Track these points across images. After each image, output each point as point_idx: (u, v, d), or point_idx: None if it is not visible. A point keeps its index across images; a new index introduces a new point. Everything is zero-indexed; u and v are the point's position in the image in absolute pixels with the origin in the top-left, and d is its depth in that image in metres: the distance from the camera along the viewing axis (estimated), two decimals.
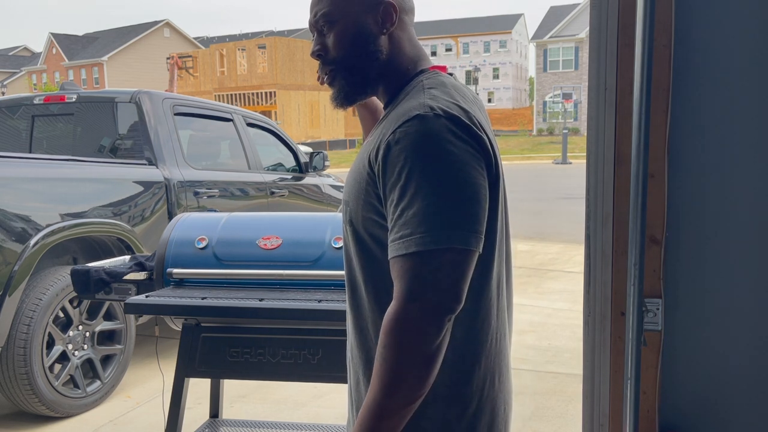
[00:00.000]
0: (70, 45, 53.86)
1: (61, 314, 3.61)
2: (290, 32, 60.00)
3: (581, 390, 1.78)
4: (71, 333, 3.65)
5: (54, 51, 53.86)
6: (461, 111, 1.08)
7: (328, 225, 2.46)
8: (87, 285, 2.52)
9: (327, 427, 2.78)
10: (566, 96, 34.13)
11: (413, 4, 1.27)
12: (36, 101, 4.74)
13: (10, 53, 63.47)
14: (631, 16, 1.55)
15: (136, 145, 4.36)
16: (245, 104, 31.62)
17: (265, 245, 2.43)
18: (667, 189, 1.59)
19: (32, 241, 3.38)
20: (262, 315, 2.15)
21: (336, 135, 35.03)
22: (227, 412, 3.54)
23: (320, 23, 1.22)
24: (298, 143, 7.34)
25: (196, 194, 4.48)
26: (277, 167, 5.73)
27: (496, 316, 1.16)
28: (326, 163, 6.11)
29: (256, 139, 5.47)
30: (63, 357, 3.61)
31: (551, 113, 42.18)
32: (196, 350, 2.34)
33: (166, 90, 21.29)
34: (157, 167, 4.28)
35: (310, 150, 7.24)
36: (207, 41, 58.98)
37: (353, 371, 1.22)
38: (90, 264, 2.61)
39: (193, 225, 2.56)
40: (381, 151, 1.08)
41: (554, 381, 4.01)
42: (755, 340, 1.59)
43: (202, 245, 2.46)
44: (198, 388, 3.51)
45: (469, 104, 1.13)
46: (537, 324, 5.20)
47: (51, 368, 3.52)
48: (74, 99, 4.58)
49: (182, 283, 2.43)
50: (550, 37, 43.69)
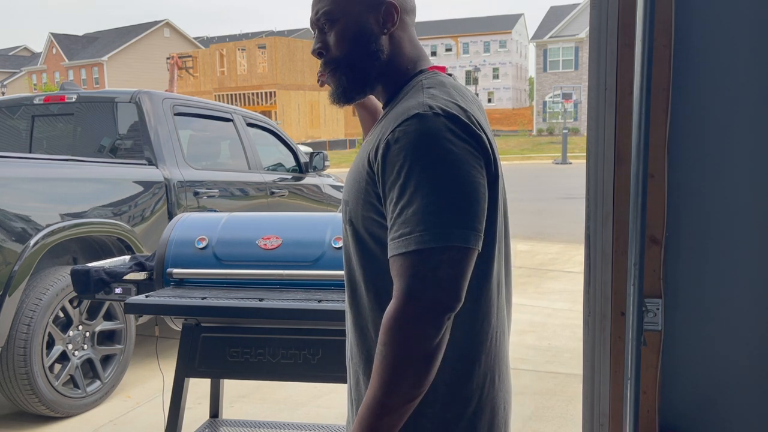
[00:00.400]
0: (70, 45, 53.87)
1: (61, 314, 3.61)
2: (290, 32, 59.98)
3: (581, 390, 1.78)
4: (71, 333, 3.65)
5: (54, 51, 53.86)
6: (460, 110, 1.09)
7: (328, 225, 2.46)
8: (87, 285, 2.52)
9: (327, 427, 2.78)
10: (566, 96, 34.13)
11: (414, 5, 1.27)
12: (36, 101, 4.74)
13: (10, 53, 63.48)
14: (631, 16, 1.55)
15: (136, 145, 4.36)
16: (245, 104, 31.61)
17: (265, 245, 2.43)
18: (667, 189, 1.59)
19: (32, 241, 3.38)
20: (262, 315, 2.15)
21: (336, 135, 35.03)
22: (227, 412, 3.54)
23: (321, 21, 1.22)
24: (298, 143, 7.35)
25: (196, 194, 4.48)
26: (277, 167, 5.73)
27: (496, 315, 1.16)
28: (326, 163, 6.11)
29: (256, 139, 5.47)
30: (63, 357, 3.61)
31: (551, 113, 42.17)
32: (196, 350, 2.34)
33: (166, 90, 21.30)
34: (157, 167, 4.28)
35: (310, 150, 7.24)
36: (207, 41, 58.99)
37: (353, 370, 1.22)
38: (90, 264, 2.61)
39: (193, 225, 2.56)
40: (380, 150, 1.08)
41: (554, 381, 4.01)
42: (755, 340, 1.59)
43: (202, 245, 2.46)
44: (198, 388, 3.51)
45: (468, 104, 1.13)
46: (537, 324, 5.20)
47: (51, 368, 3.53)
48: (74, 99, 4.58)
49: (182, 283, 2.43)
50: (550, 37, 43.69)
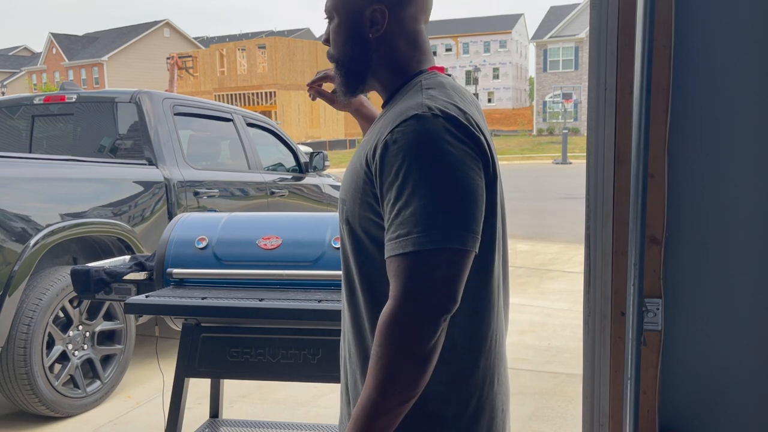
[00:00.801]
0: (70, 45, 53.87)
1: (61, 314, 3.61)
2: (290, 32, 60.00)
3: (581, 390, 1.78)
4: (71, 333, 3.65)
5: (54, 51, 53.87)
6: (459, 111, 1.08)
7: (328, 225, 2.46)
8: (87, 285, 2.52)
9: (327, 427, 2.78)
10: (566, 96, 34.17)
11: (422, 5, 1.22)
12: (36, 101, 4.74)
13: (10, 53, 63.48)
14: (631, 16, 1.55)
15: (136, 145, 4.36)
16: (245, 104, 31.61)
17: (265, 245, 2.43)
18: (667, 189, 1.59)
19: (32, 241, 3.38)
20: (262, 315, 2.15)
21: (336, 135, 35.02)
22: (227, 412, 3.53)
23: (326, 14, 1.27)
24: (298, 143, 7.34)
25: (196, 194, 4.48)
26: (277, 167, 5.73)
27: (495, 317, 1.16)
28: (326, 163, 6.11)
29: (256, 139, 5.47)
30: (63, 357, 3.61)
31: (551, 113, 42.17)
32: (196, 350, 2.34)
33: (166, 90, 21.31)
34: (157, 167, 4.28)
35: (310, 150, 7.24)
36: (207, 41, 58.99)
37: (350, 370, 1.22)
38: (90, 264, 2.61)
39: (193, 225, 2.56)
40: (378, 150, 1.08)
41: (554, 381, 4.00)
42: (755, 340, 1.59)
43: (202, 245, 2.46)
44: (198, 388, 3.51)
45: (467, 105, 1.13)
46: (537, 324, 5.20)
47: (51, 368, 3.53)
48: (74, 99, 4.58)
49: (182, 283, 2.43)
50: (550, 37, 43.69)
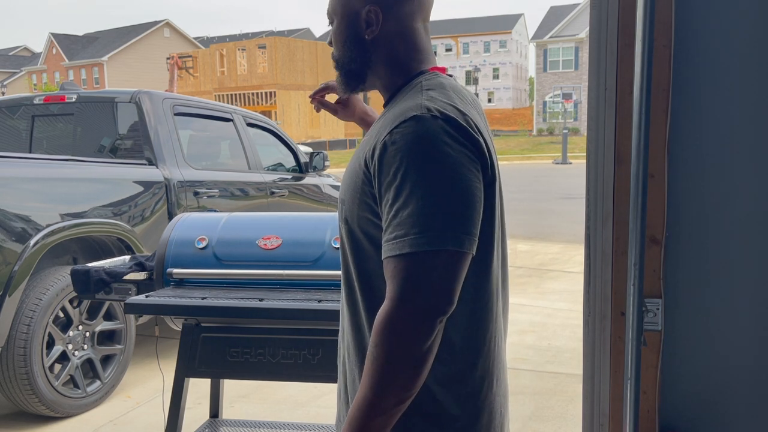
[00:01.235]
0: (70, 45, 53.87)
1: (61, 314, 3.61)
2: (290, 32, 60.00)
3: (581, 390, 1.78)
4: (71, 333, 3.65)
5: (54, 51, 53.86)
6: (458, 113, 1.08)
7: (328, 225, 2.46)
8: (87, 285, 2.52)
9: (327, 427, 2.78)
10: (566, 96, 34.17)
11: (421, 4, 1.22)
12: (36, 101, 4.74)
13: (10, 53, 63.48)
14: (631, 16, 1.55)
15: (136, 145, 4.36)
16: (245, 104, 31.61)
17: (265, 245, 2.43)
18: (667, 189, 1.59)
19: (32, 241, 3.38)
20: (262, 315, 2.15)
21: (336, 135, 35.02)
22: (227, 412, 3.53)
23: (328, 17, 1.29)
24: (298, 143, 7.34)
25: (196, 194, 4.48)
26: (277, 167, 5.73)
27: (493, 319, 1.16)
28: (326, 163, 6.11)
29: (256, 139, 5.47)
30: (63, 357, 3.61)
31: (551, 113, 42.18)
32: (196, 350, 2.34)
33: (166, 90, 21.30)
34: (157, 167, 4.28)
35: (310, 150, 7.24)
36: (207, 41, 59.00)
37: (349, 370, 1.22)
38: (90, 264, 2.61)
39: (193, 225, 2.56)
40: (377, 151, 1.08)
41: (554, 381, 4.01)
42: (755, 340, 1.59)
43: (202, 245, 2.46)
44: (198, 388, 3.51)
45: (467, 106, 1.13)
46: (537, 324, 5.20)
47: (51, 368, 3.53)
48: (74, 99, 4.58)
49: (182, 283, 2.42)
50: (550, 37, 43.69)
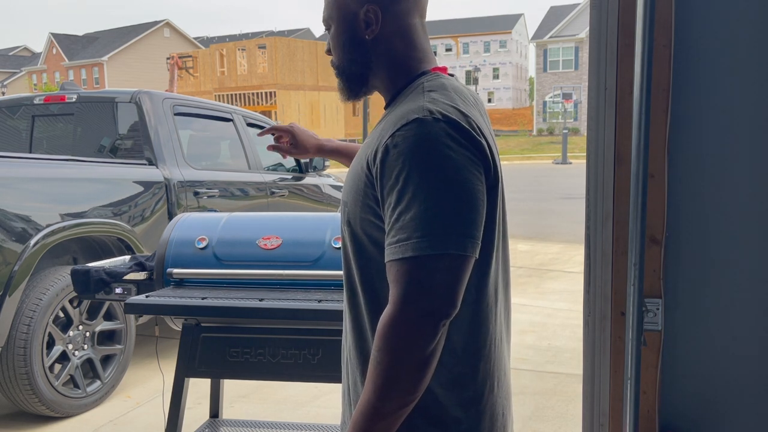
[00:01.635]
0: (70, 45, 53.86)
1: (61, 314, 3.61)
2: (290, 32, 60.01)
3: (581, 390, 1.78)
4: (71, 333, 3.65)
5: (54, 51, 53.86)
6: (460, 115, 1.07)
7: (328, 225, 2.46)
8: (87, 285, 2.52)
9: (327, 427, 2.78)
10: (566, 96, 34.17)
11: (419, 3, 1.22)
12: (36, 101, 4.74)
13: (10, 53, 63.48)
14: (631, 16, 1.55)
15: (136, 145, 4.36)
16: (245, 104, 31.59)
17: (265, 245, 2.43)
18: (667, 189, 1.59)
19: (32, 241, 3.38)
20: (262, 315, 2.15)
21: (336, 135, 35.01)
22: (227, 412, 3.53)
23: (325, 24, 1.28)
24: None
25: (196, 194, 4.48)
26: (277, 167, 5.73)
27: (494, 321, 1.16)
28: (326, 163, 6.11)
29: (256, 139, 5.47)
30: (63, 357, 3.61)
31: (551, 113, 42.18)
32: (196, 350, 2.34)
33: (166, 90, 21.30)
34: (157, 167, 4.28)
35: None
36: (207, 41, 58.98)
37: (351, 372, 1.22)
38: (90, 264, 2.61)
39: (193, 225, 2.56)
40: (379, 154, 1.07)
41: (554, 381, 4.01)
42: (755, 340, 1.59)
43: (202, 245, 2.46)
44: (198, 388, 3.51)
45: (469, 108, 1.12)
46: (537, 324, 5.20)
47: (51, 368, 3.53)
48: (74, 99, 4.58)
49: (182, 283, 2.42)
50: (550, 37, 43.68)
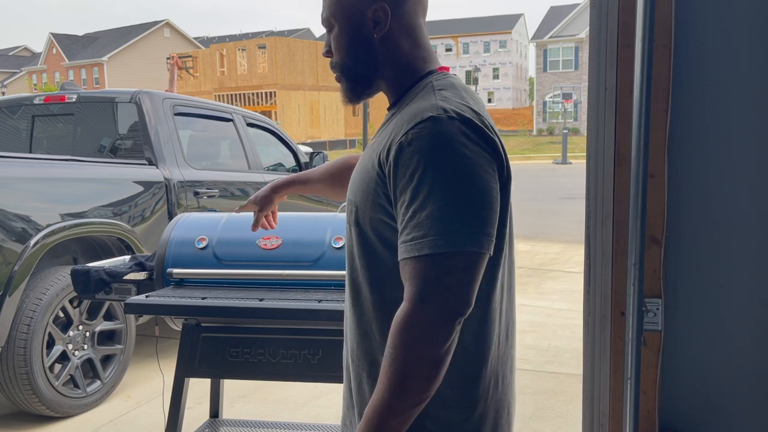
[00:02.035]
0: (70, 45, 53.85)
1: (61, 314, 3.61)
2: (290, 32, 60.01)
3: (581, 390, 1.78)
4: (71, 333, 3.65)
5: (54, 51, 53.85)
6: (473, 113, 1.08)
7: (328, 225, 2.46)
8: (87, 285, 2.52)
9: (327, 427, 2.78)
10: (566, 96, 34.16)
11: (422, 3, 1.23)
12: (36, 101, 4.74)
13: (10, 53, 63.46)
14: (631, 16, 1.55)
15: (136, 145, 4.36)
16: (245, 104, 31.59)
17: (265, 245, 2.43)
18: (667, 189, 1.59)
19: (32, 241, 3.38)
20: (262, 315, 2.15)
21: (336, 135, 35.01)
22: (227, 412, 3.53)
23: (325, 24, 1.25)
24: (298, 143, 7.33)
25: (196, 194, 4.48)
26: (277, 167, 5.73)
27: (500, 319, 1.16)
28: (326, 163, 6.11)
29: (256, 139, 5.47)
30: (63, 357, 3.61)
31: (551, 113, 42.18)
32: (196, 350, 2.34)
33: (166, 90, 21.28)
34: (157, 167, 4.28)
35: (310, 150, 7.24)
36: (207, 41, 58.98)
37: (354, 372, 1.21)
38: (90, 264, 2.61)
39: (193, 225, 2.56)
40: (392, 152, 1.07)
41: (554, 381, 4.01)
42: (755, 340, 1.59)
43: (202, 245, 2.46)
44: (198, 388, 3.51)
45: (480, 107, 1.14)
46: (537, 324, 5.20)
47: (51, 368, 3.52)
48: (74, 99, 4.58)
49: (182, 283, 2.42)
50: (550, 37, 43.68)
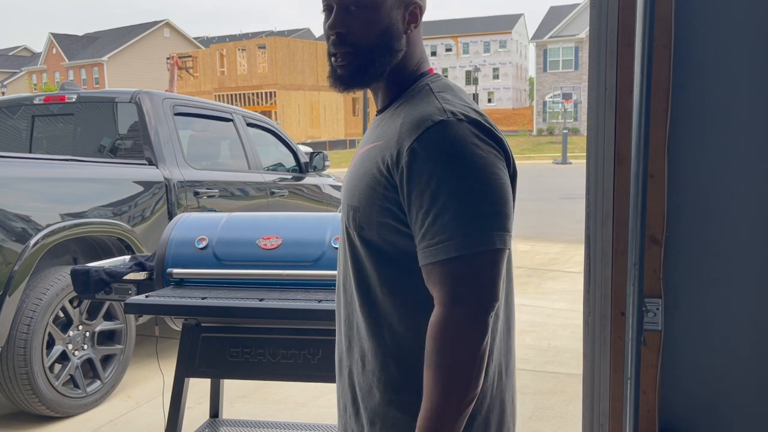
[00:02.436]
0: (70, 45, 53.86)
1: (61, 314, 3.61)
2: (290, 32, 60.00)
3: (581, 390, 1.78)
4: (71, 333, 3.65)
5: (54, 51, 53.85)
6: (478, 114, 1.11)
7: (328, 225, 2.46)
8: (87, 285, 2.52)
9: (327, 427, 2.78)
10: (566, 96, 34.15)
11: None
12: (36, 101, 4.74)
13: (10, 53, 63.46)
14: (631, 16, 1.55)
15: (136, 145, 4.36)
16: (245, 104, 31.60)
17: (265, 245, 2.43)
18: (667, 189, 1.59)
19: (32, 241, 3.38)
20: (262, 315, 2.15)
21: (336, 135, 35.02)
22: (227, 412, 3.53)
23: (349, 1, 1.16)
24: (298, 143, 7.33)
25: (196, 194, 4.48)
26: (277, 167, 5.73)
27: (503, 309, 1.19)
28: (326, 163, 6.11)
29: (256, 139, 5.47)
30: (63, 357, 3.61)
31: (551, 113, 42.18)
32: (196, 350, 2.34)
33: (166, 90, 21.29)
34: (157, 167, 4.28)
35: (310, 150, 7.23)
36: (207, 41, 58.98)
37: (364, 380, 1.19)
38: (90, 264, 2.61)
39: (193, 225, 2.56)
40: (404, 157, 1.07)
41: (554, 381, 4.01)
42: (755, 340, 1.59)
43: (202, 245, 2.46)
44: (198, 388, 3.51)
45: (477, 107, 1.16)
46: (537, 324, 5.20)
47: (51, 368, 3.52)
48: (74, 99, 4.58)
49: (182, 283, 2.43)
50: (550, 37, 43.68)
